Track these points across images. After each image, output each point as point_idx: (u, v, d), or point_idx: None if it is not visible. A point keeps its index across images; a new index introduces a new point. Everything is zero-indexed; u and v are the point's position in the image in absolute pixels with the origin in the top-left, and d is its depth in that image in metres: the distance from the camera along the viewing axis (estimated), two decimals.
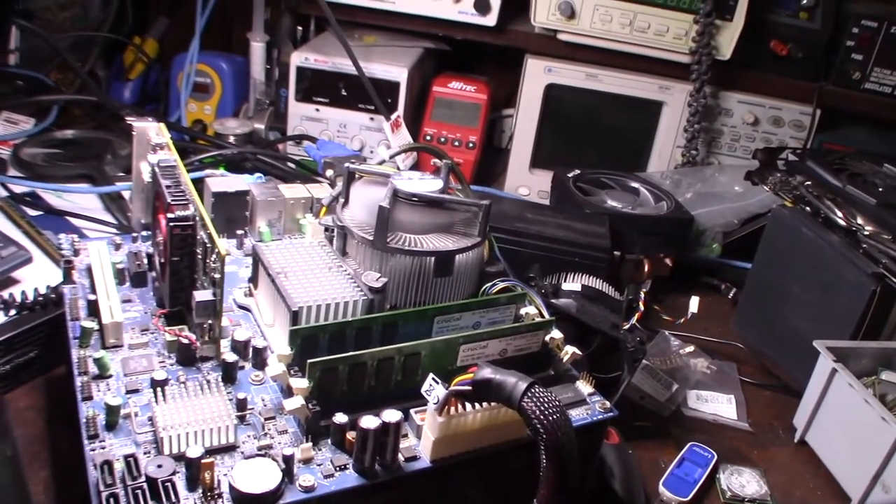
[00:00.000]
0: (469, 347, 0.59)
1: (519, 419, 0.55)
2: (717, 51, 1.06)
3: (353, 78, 1.09)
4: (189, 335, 0.57)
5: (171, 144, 0.67)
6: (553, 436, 0.47)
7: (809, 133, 1.11)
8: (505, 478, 0.57)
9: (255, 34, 1.14)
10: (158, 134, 0.69)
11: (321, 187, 0.79)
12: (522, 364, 0.63)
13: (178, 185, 0.60)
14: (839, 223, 0.85)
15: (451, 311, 0.61)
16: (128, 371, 0.56)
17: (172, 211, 0.57)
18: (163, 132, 0.69)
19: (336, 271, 0.63)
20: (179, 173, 0.62)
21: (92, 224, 0.87)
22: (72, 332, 0.59)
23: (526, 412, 0.48)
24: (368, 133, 1.12)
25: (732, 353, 0.94)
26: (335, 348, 0.56)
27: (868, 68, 1.08)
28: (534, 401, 0.48)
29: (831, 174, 0.88)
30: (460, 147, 1.14)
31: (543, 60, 1.11)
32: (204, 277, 0.57)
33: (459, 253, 0.66)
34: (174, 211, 0.57)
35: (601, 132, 1.16)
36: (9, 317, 0.72)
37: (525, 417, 0.48)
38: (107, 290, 0.61)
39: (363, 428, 0.50)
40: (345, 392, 0.54)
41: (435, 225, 0.67)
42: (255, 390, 0.56)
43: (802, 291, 0.88)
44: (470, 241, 0.67)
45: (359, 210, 0.68)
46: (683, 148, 1.11)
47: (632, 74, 1.11)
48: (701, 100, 1.08)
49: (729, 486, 0.75)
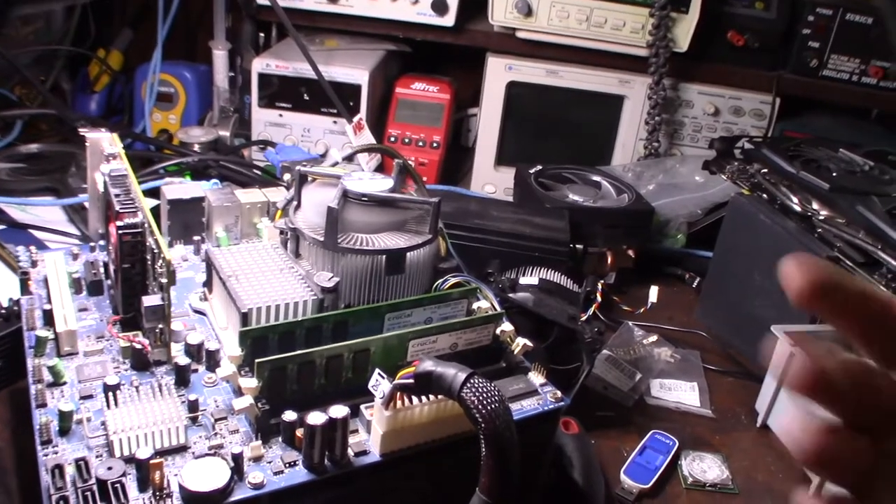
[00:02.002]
0: (419, 342, 0.59)
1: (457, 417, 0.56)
2: (674, 43, 1.07)
3: (314, 82, 1.09)
4: (142, 340, 0.57)
5: (122, 154, 0.67)
6: (491, 424, 0.48)
7: (770, 122, 1.12)
8: (455, 470, 0.57)
9: (216, 42, 1.14)
10: (112, 144, 0.70)
11: (278, 191, 0.79)
12: (474, 357, 0.64)
13: (127, 194, 0.61)
14: (795, 209, 0.86)
15: (401, 308, 0.62)
16: (82, 378, 0.56)
17: (122, 219, 0.58)
18: (115, 142, 0.69)
19: (288, 273, 0.63)
20: (129, 182, 0.63)
21: (54, 236, 0.88)
22: (27, 342, 0.60)
23: (465, 402, 0.49)
24: (332, 136, 1.13)
25: (696, 341, 0.95)
26: (285, 348, 0.57)
27: (825, 55, 1.09)
28: (472, 391, 0.49)
29: (785, 161, 0.89)
30: (425, 147, 1.14)
31: (504, 58, 1.12)
32: (154, 283, 0.58)
33: (410, 250, 0.67)
34: (123, 219, 0.58)
35: (564, 128, 1.17)
36: None
37: (464, 408, 0.49)
38: (61, 300, 0.61)
39: (310, 424, 0.50)
40: (294, 390, 0.55)
41: (386, 224, 0.68)
42: (208, 392, 0.56)
43: (762, 278, 0.89)
44: (421, 238, 0.68)
45: (311, 212, 0.69)
46: (645, 140, 1.12)
47: (591, 69, 1.12)
48: (660, 92, 1.09)
49: (690, 472, 0.76)
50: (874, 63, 1.08)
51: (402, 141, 1.14)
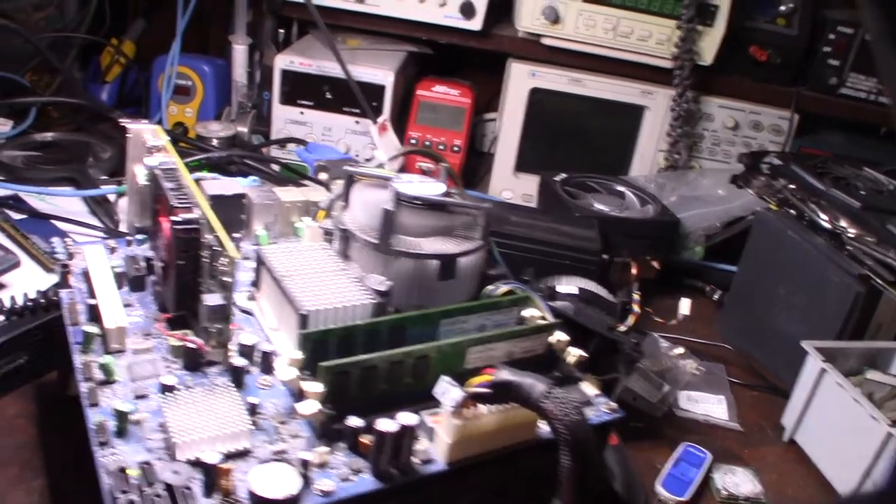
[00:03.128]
0: (477, 350, 0.59)
1: (530, 420, 0.56)
2: (698, 56, 1.07)
3: (338, 81, 1.08)
4: (196, 340, 0.56)
5: (169, 147, 0.66)
6: (573, 435, 0.47)
7: (787, 137, 1.13)
8: (517, 479, 0.57)
9: (237, 37, 1.12)
10: (155, 136, 0.69)
11: (316, 190, 0.78)
12: (528, 366, 0.63)
13: (181, 188, 0.59)
14: (824, 226, 0.87)
15: (456, 314, 0.61)
16: (134, 376, 0.54)
17: (177, 214, 0.56)
18: (159, 134, 0.68)
19: (341, 275, 0.62)
20: (181, 176, 0.61)
21: (77, 227, 0.86)
22: (73, 337, 0.58)
23: (546, 413, 0.48)
24: (353, 136, 1.11)
25: (720, 354, 0.95)
26: (344, 352, 0.56)
27: (844, 74, 1.11)
28: (553, 402, 0.48)
29: (815, 178, 0.90)
30: (445, 150, 1.14)
31: (527, 65, 1.12)
32: (211, 281, 0.56)
33: (463, 256, 0.66)
34: (179, 214, 0.56)
35: (584, 136, 1.17)
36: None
37: (545, 418, 0.48)
38: (107, 295, 0.60)
39: (380, 431, 0.50)
40: (356, 396, 0.54)
41: (436, 228, 0.67)
42: (264, 395, 0.55)
43: (788, 293, 0.90)
44: (472, 244, 0.67)
45: (360, 213, 0.68)
46: (666, 152, 1.13)
47: (615, 79, 1.12)
48: (683, 104, 1.09)
49: (724, 486, 0.76)
50: None
51: (422, 143, 1.13)
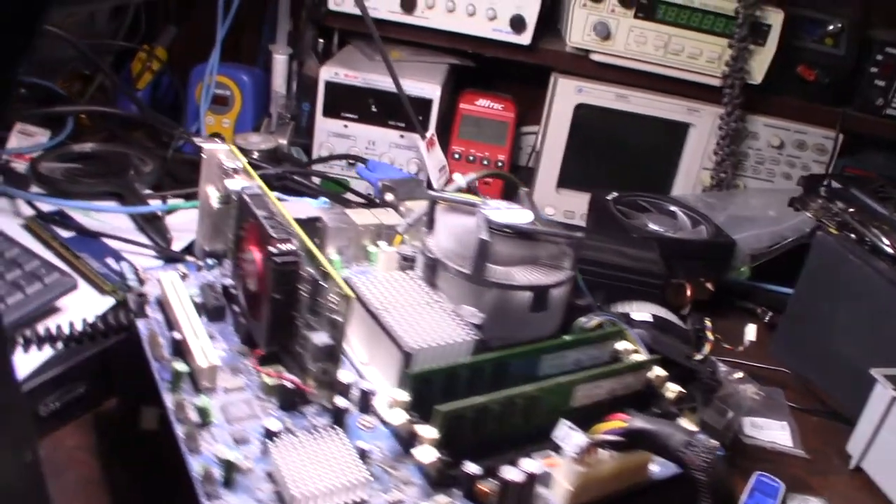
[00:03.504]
0: (584, 388, 0.57)
1: (644, 462, 0.54)
2: (749, 75, 1.06)
3: (384, 94, 1.06)
4: (293, 378, 0.53)
5: (249, 170, 0.63)
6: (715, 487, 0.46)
7: (832, 157, 1.13)
8: None
9: (278, 46, 1.09)
10: (230, 157, 0.66)
11: (387, 213, 0.76)
12: (628, 403, 0.61)
13: (274, 216, 0.57)
14: (887, 251, 0.86)
15: (556, 350, 0.59)
16: (230, 418, 0.52)
17: (275, 245, 0.54)
18: (236, 155, 0.65)
19: (435, 307, 0.60)
20: (270, 202, 0.59)
21: (128, 246, 0.82)
22: (159, 374, 0.55)
23: (687, 463, 0.47)
24: (398, 151, 1.09)
25: (776, 378, 0.94)
26: (448, 391, 0.54)
27: (890, 94, 1.10)
28: (694, 452, 0.47)
29: (877, 202, 0.89)
30: (489, 166, 1.12)
31: (574, 80, 1.10)
32: (310, 316, 0.54)
33: (556, 287, 0.64)
34: (276, 245, 0.54)
35: (628, 153, 1.16)
36: (56, 350, 0.67)
37: (686, 468, 0.47)
38: (193, 328, 0.57)
39: (506, 480, 0.48)
40: (468, 439, 0.52)
41: (525, 257, 0.65)
42: (368, 437, 0.53)
43: (850, 318, 0.89)
44: (563, 274, 0.65)
45: (447, 240, 0.66)
46: (712, 171, 1.12)
47: (661, 96, 1.11)
48: (731, 123, 1.08)
49: None
50: None
51: (466, 159, 1.11)
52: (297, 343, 0.55)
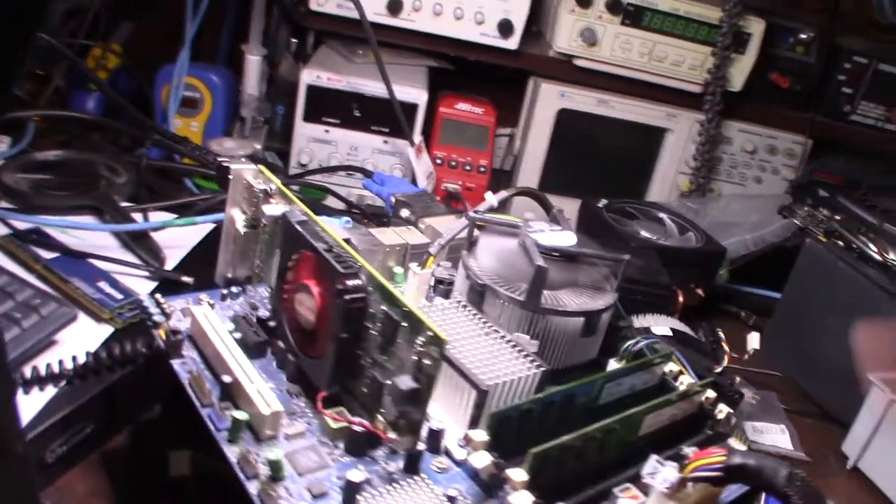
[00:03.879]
0: (651, 417, 0.56)
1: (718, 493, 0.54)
2: (728, 82, 1.08)
3: (367, 98, 1.02)
4: (363, 422, 0.50)
5: (287, 192, 0.59)
6: None
7: (801, 162, 1.16)
8: None
9: (251, 46, 1.03)
10: (258, 178, 0.61)
11: (410, 232, 0.73)
12: (684, 426, 0.61)
13: (333, 247, 0.53)
14: (874, 257, 0.89)
15: (616, 377, 0.58)
16: (300, 469, 0.48)
17: (343, 282, 0.50)
18: (268, 177, 0.61)
19: (494, 337, 0.58)
20: (320, 229, 0.55)
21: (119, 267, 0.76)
22: (214, 423, 0.51)
23: (791, 498, 0.46)
24: (381, 157, 1.05)
25: (768, 381, 0.96)
26: (522, 428, 0.52)
27: (856, 101, 1.14)
28: (800, 488, 0.46)
29: (864, 210, 0.92)
30: (472, 171, 1.09)
31: (557, 85, 1.09)
32: (381, 356, 0.50)
33: (606, 311, 0.63)
34: (345, 282, 0.50)
35: (607, 157, 1.16)
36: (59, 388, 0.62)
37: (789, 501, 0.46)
38: (243, 370, 0.53)
39: None
40: (552, 478, 0.50)
41: (567, 280, 0.64)
42: (444, 479, 0.50)
43: (839, 322, 0.92)
44: (610, 296, 0.64)
45: (489, 262, 0.64)
46: (691, 176, 1.13)
47: (642, 101, 1.11)
48: (711, 130, 1.10)
49: None
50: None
51: (448, 164, 1.08)
52: (361, 383, 0.52)
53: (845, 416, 0.88)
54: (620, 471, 0.54)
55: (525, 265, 0.64)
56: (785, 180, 1.17)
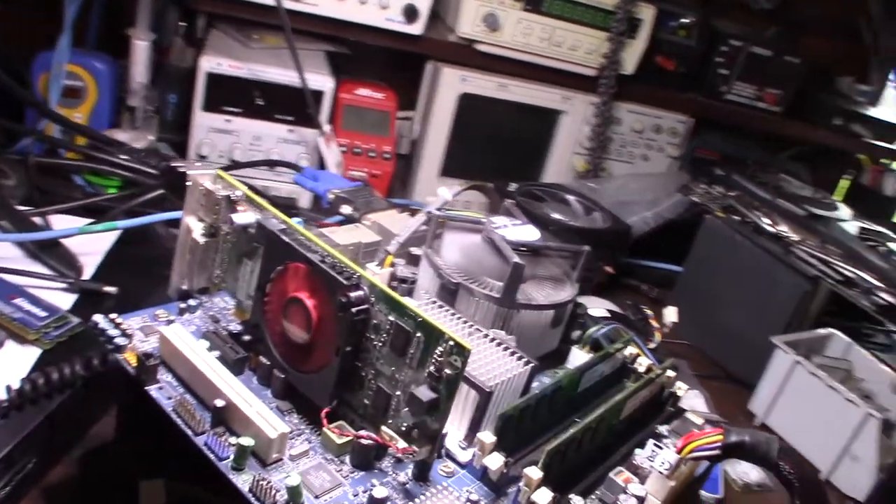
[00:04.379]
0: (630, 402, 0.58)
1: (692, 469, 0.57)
2: (622, 66, 1.13)
3: (270, 86, 0.97)
4: (371, 435, 0.49)
5: (258, 199, 0.55)
6: (816, 487, 0.50)
7: (684, 140, 1.24)
8: None
9: (138, 31, 0.95)
10: (217, 183, 0.58)
11: (358, 230, 0.71)
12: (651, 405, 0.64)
13: (326, 257, 0.51)
14: (768, 230, 0.97)
15: (593, 366, 0.60)
16: (316, 491, 0.47)
17: (346, 294, 0.48)
18: (229, 182, 0.57)
19: (478, 337, 0.58)
20: (305, 238, 0.53)
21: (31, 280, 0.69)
22: (215, 452, 0.47)
23: (785, 470, 0.50)
24: (286, 146, 1.01)
25: (676, 350, 1.02)
26: (525, 426, 0.53)
27: (731, 82, 1.23)
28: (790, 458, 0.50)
29: (757, 187, 0.99)
30: (376, 158, 1.07)
31: (459, 70, 1.09)
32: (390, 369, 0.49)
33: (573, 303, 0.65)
34: (348, 294, 0.48)
35: (506, 140, 1.18)
36: None
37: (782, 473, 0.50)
38: (235, 390, 0.50)
39: None
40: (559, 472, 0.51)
41: (530, 274, 0.65)
42: (455, 483, 0.50)
43: (738, 293, 0.99)
44: (570, 288, 0.66)
45: (456, 259, 0.63)
46: (587, 156, 1.17)
47: (539, 85, 1.14)
48: (606, 112, 1.14)
49: (738, 477, 0.82)
50: (768, 90, 1.24)
51: (352, 151, 1.06)
52: (363, 396, 0.51)
53: (749, 378, 0.96)
54: (607, 455, 0.57)
55: (493, 261, 0.64)
56: (669, 157, 1.25)
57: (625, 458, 0.56)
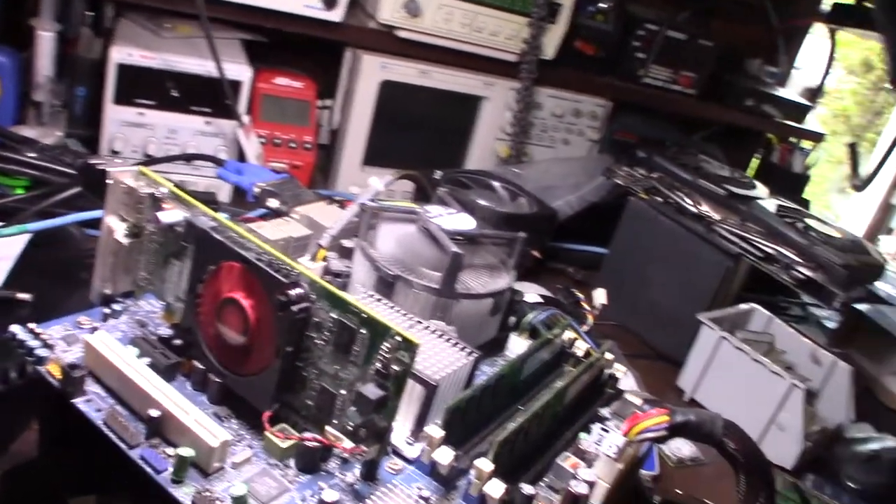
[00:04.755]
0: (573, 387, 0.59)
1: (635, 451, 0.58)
2: (542, 51, 1.13)
3: (185, 77, 0.93)
4: (316, 437, 0.48)
5: (186, 196, 0.53)
6: (755, 462, 0.51)
7: (603, 123, 1.25)
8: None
9: (43, 21, 0.89)
10: (139, 181, 0.55)
11: (288, 224, 0.69)
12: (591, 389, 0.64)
13: (264, 255, 0.49)
14: (690, 210, 0.99)
15: (534, 353, 0.60)
16: (263, 498, 0.45)
17: (285, 292, 0.47)
18: (153, 179, 0.54)
19: (419, 329, 0.57)
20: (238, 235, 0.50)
21: None
22: (153, 465, 0.45)
23: (729, 446, 0.51)
24: (204, 139, 0.97)
25: (606, 330, 1.03)
26: (471, 417, 0.53)
27: (647, 65, 1.25)
28: (733, 434, 0.51)
29: (678, 168, 1.01)
30: (297, 149, 1.05)
31: (379, 57, 1.07)
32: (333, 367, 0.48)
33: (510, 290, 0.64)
34: (287, 292, 0.47)
35: (428, 128, 1.17)
36: None
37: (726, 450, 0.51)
38: (171, 399, 0.47)
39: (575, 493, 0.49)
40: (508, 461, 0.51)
41: (467, 263, 0.64)
42: (403, 482, 0.49)
43: (663, 272, 1.01)
44: (506, 275, 0.66)
45: (391, 251, 0.62)
46: (509, 142, 1.17)
47: (461, 71, 1.13)
48: (527, 98, 1.14)
49: (672, 453, 0.84)
50: (682, 73, 1.27)
51: (272, 142, 1.03)
52: (305, 396, 0.49)
53: (676, 355, 0.98)
54: (552, 441, 0.57)
55: (429, 251, 0.63)
56: (590, 141, 1.26)
57: (569, 443, 0.57)
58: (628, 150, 1.06)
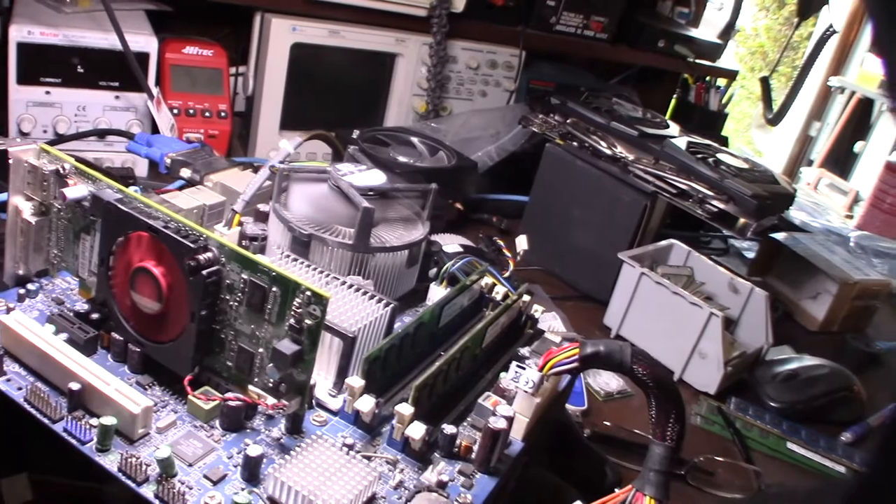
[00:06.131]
0: (491, 329, 0.61)
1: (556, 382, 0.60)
2: (451, 4, 1.13)
3: (90, 52, 0.91)
4: (238, 396, 0.49)
5: (89, 170, 0.53)
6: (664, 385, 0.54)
7: (517, 72, 1.26)
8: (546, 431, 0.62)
9: None
10: (41, 158, 0.54)
11: (204, 192, 0.69)
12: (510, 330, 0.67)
13: (169, 222, 0.49)
14: (605, 152, 1.01)
15: (452, 300, 0.62)
16: (189, 460, 0.46)
17: (194, 258, 0.47)
18: (56, 155, 0.54)
19: (336, 285, 0.58)
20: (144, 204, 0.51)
21: None
22: (77, 437, 0.46)
23: (638, 372, 0.54)
24: (115, 114, 0.95)
25: (530, 275, 1.06)
26: (387, 365, 0.54)
27: (559, 12, 1.26)
28: (641, 361, 0.54)
29: (592, 112, 1.03)
30: (212, 118, 1.04)
31: (287, 19, 1.06)
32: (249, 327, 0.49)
33: (426, 241, 0.66)
34: (196, 257, 0.47)
35: (344, 88, 1.16)
36: None
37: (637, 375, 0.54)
38: (91, 371, 0.48)
39: (493, 429, 0.51)
40: (428, 403, 0.53)
41: (381, 217, 0.66)
42: (330, 431, 0.51)
43: (583, 215, 1.04)
44: (425, 225, 0.67)
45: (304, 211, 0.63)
46: (426, 97, 1.18)
47: (371, 29, 1.13)
48: (441, 52, 1.15)
49: (600, 387, 0.88)
50: (594, 18, 1.29)
51: (185, 113, 1.01)
52: (225, 357, 0.50)
53: (601, 294, 1.01)
54: (474, 382, 0.59)
55: (341, 208, 0.64)
56: (506, 91, 1.27)
57: (491, 383, 0.59)
58: (542, 98, 1.08)
